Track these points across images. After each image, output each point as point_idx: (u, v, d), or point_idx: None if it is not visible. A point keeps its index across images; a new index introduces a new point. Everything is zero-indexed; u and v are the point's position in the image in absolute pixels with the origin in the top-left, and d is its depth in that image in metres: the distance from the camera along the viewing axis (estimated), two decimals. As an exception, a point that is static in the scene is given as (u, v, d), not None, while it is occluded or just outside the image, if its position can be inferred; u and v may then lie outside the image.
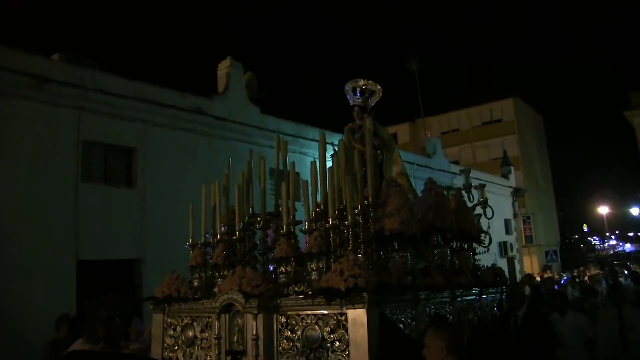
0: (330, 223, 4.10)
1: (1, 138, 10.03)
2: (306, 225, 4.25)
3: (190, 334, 4.50)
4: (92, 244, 10.91)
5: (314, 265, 4.02)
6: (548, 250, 26.99)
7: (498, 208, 23.95)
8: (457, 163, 29.17)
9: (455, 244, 5.36)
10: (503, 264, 24.39)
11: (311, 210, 4.50)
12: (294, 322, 3.92)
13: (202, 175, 10.49)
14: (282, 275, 4.17)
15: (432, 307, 4.35)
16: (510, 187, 28.48)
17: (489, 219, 5.99)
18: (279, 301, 3.98)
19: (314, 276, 3.97)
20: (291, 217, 4.38)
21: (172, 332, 4.66)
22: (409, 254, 4.29)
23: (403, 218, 4.10)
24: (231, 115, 13.86)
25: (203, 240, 4.98)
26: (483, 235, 5.96)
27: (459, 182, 13.12)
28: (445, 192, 5.76)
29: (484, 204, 5.93)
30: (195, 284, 4.71)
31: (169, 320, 4.71)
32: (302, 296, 3.88)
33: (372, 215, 4.23)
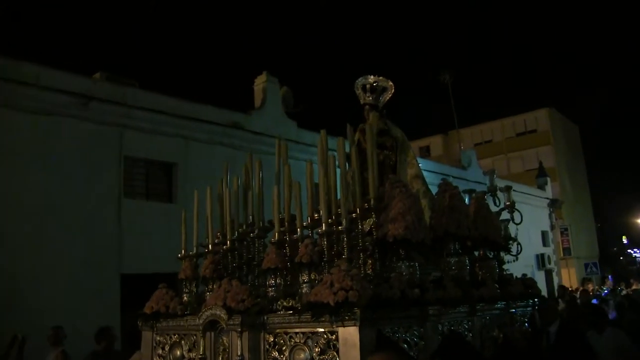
0: (324, 228, 3.33)
1: (48, 156, 9.79)
2: (299, 232, 3.51)
3: (178, 352, 3.80)
4: (134, 258, 10.49)
5: (304, 277, 3.26)
6: (587, 262, 25.08)
7: (534, 219, 22.69)
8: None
9: (478, 252, 4.50)
10: (540, 276, 22.82)
11: (307, 216, 3.76)
12: (281, 341, 3.17)
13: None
14: (270, 289, 3.43)
15: (446, 323, 3.52)
16: (547, 198, 26.72)
17: (516, 224, 5.09)
18: (265, 317, 3.25)
19: (305, 289, 3.21)
20: (286, 223, 3.64)
21: (160, 351, 3.97)
22: (416, 264, 3.49)
23: (408, 222, 3.29)
24: (268, 130, 13.25)
25: (195, 251, 4.27)
26: (511, 242, 5.07)
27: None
28: (467, 195, 4.93)
29: (511, 207, 5.03)
30: (185, 298, 4.01)
31: (158, 338, 4.03)
32: (291, 312, 3.13)
33: (374, 219, 3.46)
